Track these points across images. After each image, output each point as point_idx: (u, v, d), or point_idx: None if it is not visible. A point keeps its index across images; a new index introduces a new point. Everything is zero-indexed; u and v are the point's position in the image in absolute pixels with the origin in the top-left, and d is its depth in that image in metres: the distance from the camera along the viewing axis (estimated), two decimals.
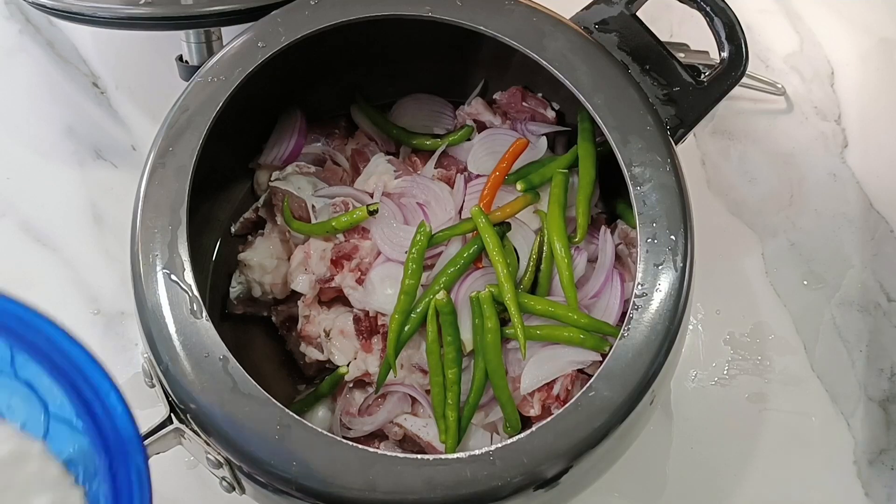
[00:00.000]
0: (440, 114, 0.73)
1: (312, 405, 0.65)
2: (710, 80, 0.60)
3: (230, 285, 0.68)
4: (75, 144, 0.80)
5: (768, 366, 0.72)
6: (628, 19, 0.62)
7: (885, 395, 0.71)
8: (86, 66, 0.83)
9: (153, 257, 0.53)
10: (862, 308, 0.74)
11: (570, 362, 0.60)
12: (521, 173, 0.65)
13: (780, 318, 0.74)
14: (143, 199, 0.55)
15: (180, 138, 0.56)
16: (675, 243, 0.54)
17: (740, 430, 0.70)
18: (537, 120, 0.70)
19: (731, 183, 0.80)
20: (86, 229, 0.77)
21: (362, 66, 0.70)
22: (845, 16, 0.87)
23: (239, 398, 0.50)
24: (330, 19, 0.59)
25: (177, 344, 0.52)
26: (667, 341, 0.53)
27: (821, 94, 0.83)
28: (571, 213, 0.64)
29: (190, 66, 0.69)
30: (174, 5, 0.64)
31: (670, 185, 0.56)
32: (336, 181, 0.69)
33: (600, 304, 0.62)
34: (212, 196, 0.69)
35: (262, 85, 0.59)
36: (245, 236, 0.69)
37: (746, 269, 0.76)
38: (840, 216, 0.78)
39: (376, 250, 0.63)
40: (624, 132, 0.57)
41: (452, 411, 0.60)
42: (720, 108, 0.61)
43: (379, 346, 0.63)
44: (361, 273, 0.63)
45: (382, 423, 0.63)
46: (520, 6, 0.60)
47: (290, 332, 0.67)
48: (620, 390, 0.51)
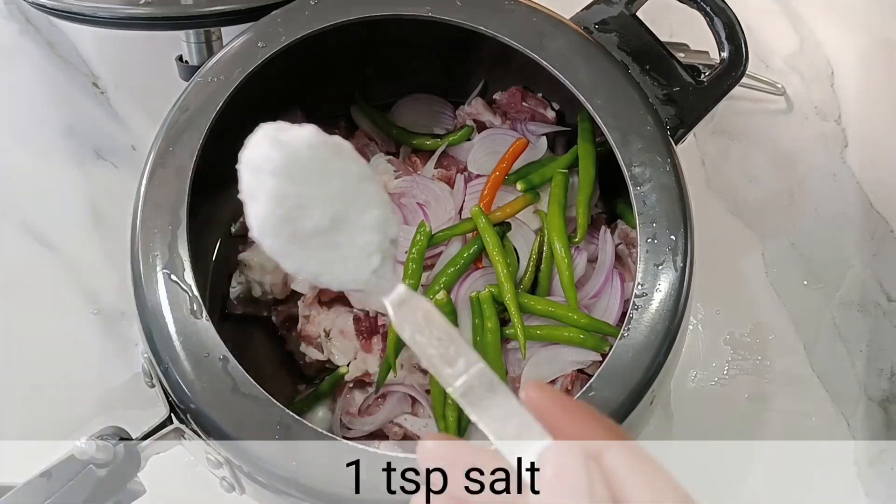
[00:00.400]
0: (440, 114, 0.73)
1: (312, 405, 0.65)
2: (710, 80, 0.60)
3: (230, 285, 0.67)
4: (75, 144, 0.80)
5: (768, 366, 0.72)
6: (628, 19, 0.62)
7: (885, 395, 0.71)
8: (86, 66, 0.83)
9: (153, 257, 0.53)
10: (862, 308, 0.74)
11: (570, 362, 0.60)
12: (521, 173, 0.65)
13: (780, 318, 0.74)
14: (143, 199, 0.55)
15: (180, 138, 0.56)
16: (675, 243, 0.54)
17: (740, 430, 0.70)
18: (537, 120, 0.70)
19: (731, 183, 0.80)
20: (86, 229, 0.77)
21: (362, 66, 0.70)
22: (845, 16, 0.87)
23: (239, 398, 0.50)
24: (330, 19, 0.59)
25: (177, 344, 0.52)
26: (667, 341, 0.53)
27: (821, 94, 0.83)
28: (571, 213, 0.64)
29: (190, 66, 0.69)
30: (174, 5, 0.64)
31: (670, 185, 0.56)
32: None
33: (600, 304, 0.62)
34: (212, 196, 0.68)
35: (262, 85, 0.59)
36: (245, 236, 0.69)
37: (746, 270, 0.76)
38: (840, 216, 0.78)
39: None
40: (624, 132, 0.57)
41: (452, 411, 0.60)
42: (720, 108, 0.61)
43: (379, 346, 0.62)
44: None
45: (382, 423, 0.63)
46: (520, 6, 0.60)
47: (290, 332, 0.67)
48: (620, 390, 0.51)
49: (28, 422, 0.70)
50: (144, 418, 0.52)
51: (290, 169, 0.33)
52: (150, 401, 0.54)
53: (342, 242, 0.34)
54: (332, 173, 0.33)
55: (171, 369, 0.51)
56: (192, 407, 0.51)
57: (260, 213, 0.33)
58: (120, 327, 0.73)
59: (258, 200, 0.33)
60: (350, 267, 0.34)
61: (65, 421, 0.69)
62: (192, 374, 0.51)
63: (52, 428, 0.69)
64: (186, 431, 0.52)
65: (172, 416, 0.52)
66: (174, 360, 0.51)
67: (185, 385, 0.51)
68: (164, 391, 0.52)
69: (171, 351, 0.52)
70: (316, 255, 0.34)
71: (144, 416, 0.67)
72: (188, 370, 0.51)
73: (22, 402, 0.71)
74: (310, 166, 0.33)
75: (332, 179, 0.33)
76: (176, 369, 0.51)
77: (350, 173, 0.34)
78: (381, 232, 0.34)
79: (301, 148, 0.33)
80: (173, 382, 0.51)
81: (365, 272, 0.34)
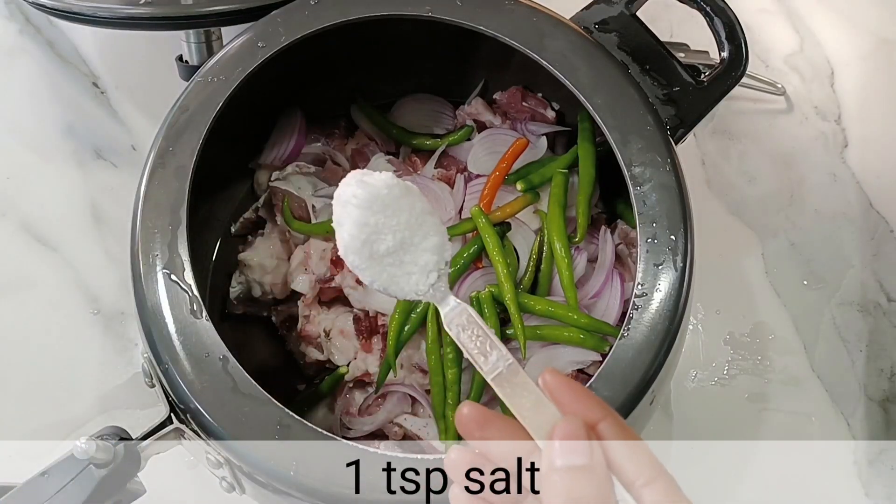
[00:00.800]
0: (440, 114, 0.73)
1: (312, 405, 0.65)
2: (710, 80, 0.60)
3: (230, 285, 0.67)
4: (75, 144, 0.80)
5: (768, 366, 0.72)
6: (628, 19, 0.62)
7: (885, 395, 0.72)
8: (86, 66, 0.83)
9: (153, 257, 0.53)
10: (862, 308, 0.74)
11: (570, 362, 0.60)
12: (521, 173, 0.65)
13: (780, 318, 0.74)
14: (143, 199, 0.55)
15: (180, 138, 0.56)
16: (675, 243, 0.54)
17: (740, 430, 0.70)
18: (537, 120, 0.70)
19: (731, 183, 0.80)
20: (86, 229, 0.77)
21: (362, 66, 0.70)
22: (845, 16, 0.87)
23: (239, 398, 0.50)
24: (330, 19, 0.59)
25: (177, 344, 0.52)
26: (667, 341, 0.53)
27: (821, 94, 0.83)
28: (571, 213, 0.64)
29: (190, 66, 0.69)
30: (174, 5, 0.64)
31: (670, 185, 0.56)
32: (336, 181, 0.68)
33: (600, 304, 0.62)
34: (212, 196, 0.69)
35: (262, 85, 0.59)
36: (245, 236, 0.69)
37: (746, 269, 0.76)
38: (840, 216, 0.78)
39: None
40: (624, 132, 0.57)
41: (452, 411, 0.60)
42: (720, 108, 0.61)
43: (379, 346, 0.62)
44: None
45: (382, 423, 0.63)
46: (520, 6, 0.60)
47: (290, 332, 0.67)
48: (620, 390, 0.51)
49: (28, 422, 0.70)
50: (144, 418, 0.52)
51: (371, 203, 0.41)
52: (150, 401, 0.55)
53: (408, 261, 0.43)
54: (403, 208, 0.42)
55: (171, 369, 0.51)
56: (192, 407, 0.51)
57: (345, 236, 0.42)
58: (120, 327, 0.73)
59: (344, 227, 0.42)
60: (413, 281, 0.43)
61: (65, 421, 0.70)
62: (191, 373, 0.51)
63: (52, 428, 0.69)
64: (186, 431, 0.52)
65: (172, 416, 0.52)
66: (174, 360, 0.51)
67: (185, 385, 0.51)
68: (164, 391, 0.52)
69: (171, 351, 0.51)
70: (387, 270, 0.43)
71: (144, 416, 0.68)
72: (188, 370, 0.51)
73: (22, 402, 0.71)
74: (386, 202, 0.42)
75: (402, 212, 0.42)
76: (176, 369, 0.51)
77: (416, 208, 0.43)
78: (439, 254, 0.43)
79: (380, 187, 0.41)
80: (173, 382, 0.51)
81: (425, 286, 0.43)
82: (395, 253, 0.42)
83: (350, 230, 0.42)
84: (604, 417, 0.39)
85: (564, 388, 0.39)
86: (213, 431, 0.50)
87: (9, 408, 0.71)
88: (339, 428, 0.63)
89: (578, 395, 0.39)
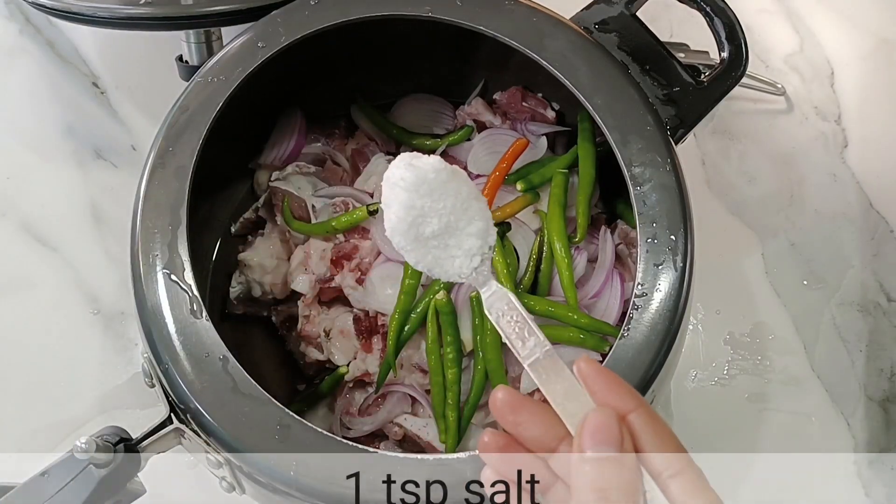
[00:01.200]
0: (440, 114, 0.73)
1: (312, 405, 0.65)
2: (710, 80, 0.60)
3: (230, 285, 0.67)
4: (75, 144, 0.80)
5: (768, 366, 0.72)
6: (628, 19, 0.62)
7: (885, 395, 0.71)
8: (86, 66, 0.83)
9: (153, 257, 0.53)
10: (862, 308, 0.74)
11: (570, 362, 0.60)
12: (521, 173, 0.65)
13: (780, 318, 0.74)
14: (143, 199, 0.55)
15: (180, 138, 0.56)
16: (675, 243, 0.54)
17: (740, 430, 0.70)
18: (537, 120, 0.70)
19: (731, 183, 0.80)
20: (86, 229, 0.77)
21: (362, 66, 0.70)
22: (845, 16, 0.87)
23: (239, 398, 0.50)
24: (330, 19, 0.59)
25: (177, 344, 0.52)
26: (667, 341, 0.53)
27: (821, 94, 0.83)
28: (571, 213, 0.64)
29: (190, 66, 0.69)
30: (174, 5, 0.64)
31: (670, 185, 0.56)
32: (336, 181, 0.69)
33: (600, 304, 0.62)
34: (212, 196, 0.69)
35: (262, 85, 0.59)
36: (245, 236, 0.69)
37: (746, 269, 0.76)
38: (840, 216, 0.78)
39: (376, 250, 0.63)
40: (624, 132, 0.57)
41: (452, 411, 0.60)
42: (720, 108, 0.61)
43: (379, 346, 0.62)
44: (361, 273, 0.63)
45: (382, 423, 0.63)
46: (520, 6, 0.60)
47: (290, 332, 0.67)
48: None
49: (28, 422, 0.70)
50: (144, 418, 0.52)
51: (418, 186, 0.42)
52: (150, 401, 0.55)
53: (452, 245, 0.43)
54: (449, 192, 0.42)
55: (171, 369, 0.51)
56: (192, 407, 0.51)
57: (393, 218, 0.42)
58: (120, 327, 0.73)
59: (392, 209, 0.42)
60: (457, 264, 0.43)
61: (65, 421, 0.70)
62: (191, 373, 0.51)
63: (52, 428, 0.69)
64: (186, 431, 0.52)
65: (172, 416, 0.52)
66: (174, 360, 0.51)
67: (185, 385, 0.51)
68: (164, 391, 0.52)
69: (171, 351, 0.51)
70: (432, 252, 0.43)
71: (144, 416, 0.68)
72: (188, 370, 0.51)
73: (22, 402, 0.71)
74: (433, 186, 0.42)
75: (448, 196, 0.42)
76: (176, 369, 0.51)
77: (462, 192, 0.43)
78: (483, 239, 0.43)
79: (427, 171, 0.42)
80: (173, 382, 0.51)
81: (468, 269, 0.44)
82: (440, 236, 0.43)
83: (397, 212, 0.42)
84: (636, 408, 0.40)
85: (598, 376, 0.40)
86: (213, 431, 0.50)
87: (9, 408, 0.71)
88: (339, 428, 0.63)
89: (612, 385, 0.40)
